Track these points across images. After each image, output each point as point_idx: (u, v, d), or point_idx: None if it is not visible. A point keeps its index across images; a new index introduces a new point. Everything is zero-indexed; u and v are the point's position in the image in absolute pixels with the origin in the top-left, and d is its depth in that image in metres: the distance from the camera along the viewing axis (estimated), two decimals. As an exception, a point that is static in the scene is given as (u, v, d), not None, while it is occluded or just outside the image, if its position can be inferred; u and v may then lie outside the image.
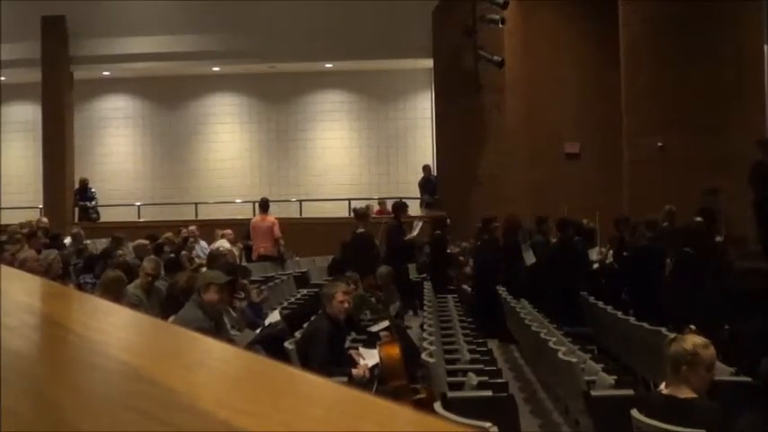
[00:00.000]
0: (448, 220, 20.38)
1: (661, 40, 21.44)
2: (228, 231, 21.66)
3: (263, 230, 22.22)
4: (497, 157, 26.36)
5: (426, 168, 28.51)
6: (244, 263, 21.03)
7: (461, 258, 20.21)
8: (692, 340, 6.49)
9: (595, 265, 17.59)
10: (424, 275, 20.31)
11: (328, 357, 9.40)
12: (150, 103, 32.60)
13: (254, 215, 23.20)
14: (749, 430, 6.29)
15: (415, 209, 26.51)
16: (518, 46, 27.94)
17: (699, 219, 15.69)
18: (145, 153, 32.56)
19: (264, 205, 22.62)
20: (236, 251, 19.71)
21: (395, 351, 9.13)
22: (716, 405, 6.43)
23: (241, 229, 22.51)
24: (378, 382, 9.13)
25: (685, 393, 6.34)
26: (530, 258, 17.33)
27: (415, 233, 20.28)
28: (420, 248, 21.12)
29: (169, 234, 19.24)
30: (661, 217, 17.16)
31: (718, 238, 15.99)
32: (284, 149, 32.28)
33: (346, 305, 9.89)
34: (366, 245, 19.28)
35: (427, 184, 28.08)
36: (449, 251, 20.36)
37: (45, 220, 21.79)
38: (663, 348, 6.72)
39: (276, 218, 23.16)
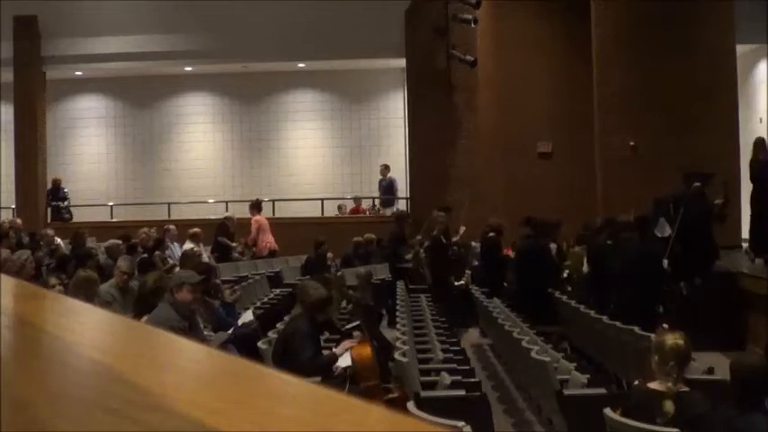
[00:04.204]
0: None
1: (633, 39, 21.51)
2: (197, 230, 21.67)
3: (270, 228, 23.47)
4: (470, 156, 26.33)
5: (384, 168, 28.66)
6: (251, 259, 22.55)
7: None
8: (675, 337, 6.64)
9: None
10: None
11: (316, 351, 9.42)
12: (123, 103, 32.43)
13: (230, 214, 24.16)
14: (722, 428, 6.34)
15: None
16: (490, 45, 27.92)
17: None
18: (117, 153, 32.38)
19: (258, 206, 23.57)
20: (205, 253, 19.74)
21: (366, 351, 9.16)
22: (705, 397, 6.56)
23: (242, 229, 23.22)
24: (350, 382, 9.14)
25: (677, 387, 6.46)
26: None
27: (457, 238, 20.33)
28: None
29: (146, 229, 19.35)
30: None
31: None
32: (257, 149, 32.18)
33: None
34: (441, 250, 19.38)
35: (386, 184, 28.31)
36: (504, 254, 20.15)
37: (18, 220, 21.71)
38: (633, 346, 6.80)
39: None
